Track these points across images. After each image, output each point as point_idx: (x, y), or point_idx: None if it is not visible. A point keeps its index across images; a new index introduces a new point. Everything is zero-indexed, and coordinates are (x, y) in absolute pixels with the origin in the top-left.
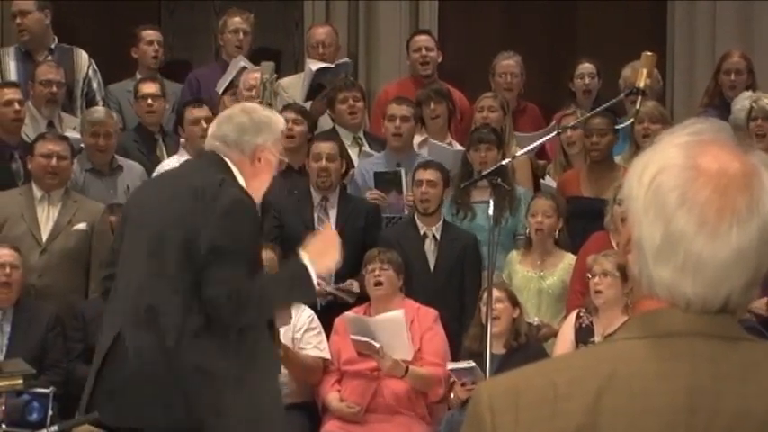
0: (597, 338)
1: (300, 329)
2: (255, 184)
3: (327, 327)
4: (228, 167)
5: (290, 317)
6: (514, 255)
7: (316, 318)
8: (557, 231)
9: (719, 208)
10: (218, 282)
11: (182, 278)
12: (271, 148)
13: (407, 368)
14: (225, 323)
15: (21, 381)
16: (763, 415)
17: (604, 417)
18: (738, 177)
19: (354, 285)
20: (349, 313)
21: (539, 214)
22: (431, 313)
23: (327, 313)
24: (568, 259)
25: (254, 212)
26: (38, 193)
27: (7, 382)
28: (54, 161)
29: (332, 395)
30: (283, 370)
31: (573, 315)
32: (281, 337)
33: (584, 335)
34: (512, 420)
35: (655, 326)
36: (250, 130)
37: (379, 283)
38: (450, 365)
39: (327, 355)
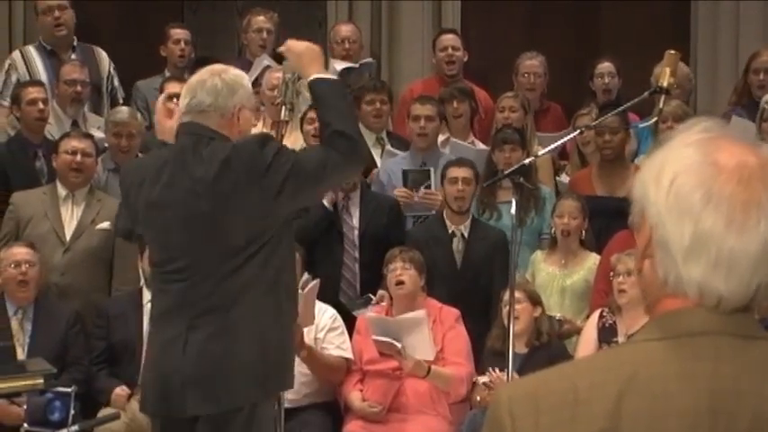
0: (620, 338)
1: (323, 329)
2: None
3: (350, 327)
4: (215, 131)
5: (313, 317)
6: (539, 254)
7: (339, 317)
8: (582, 232)
9: (745, 202)
10: (314, 172)
11: (227, 254)
12: (246, 105)
13: (429, 368)
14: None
15: (41, 380)
16: None
17: (626, 421)
18: (757, 170)
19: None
20: (371, 313)
21: (565, 215)
22: (453, 313)
23: (350, 313)
24: (593, 259)
25: (264, 141)
26: (62, 191)
27: (28, 382)
28: (78, 158)
29: (354, 395)
30: (306, 370)
31: (596, 314)
32: (305, 338)
33: (607, 334)
34: (532, 424)
35: (676, 326)
36: (224, 91)
37: (400, 282)
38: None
39: (350, 355)
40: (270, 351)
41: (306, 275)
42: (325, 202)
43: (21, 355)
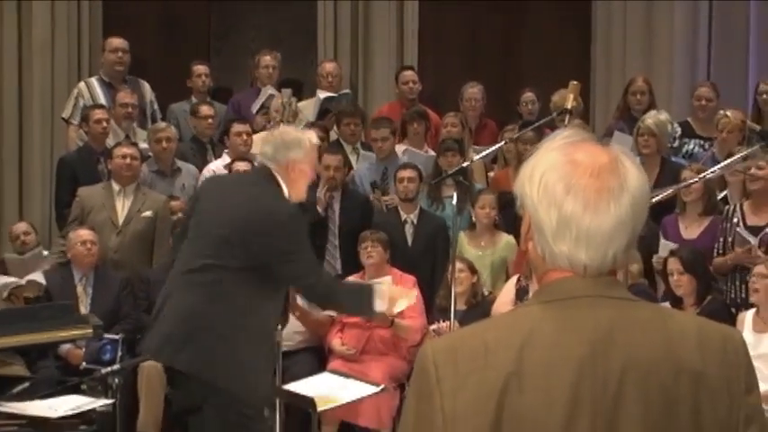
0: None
1: None
2: (294, 190)
3: None
4: (274, 176)
5: (288, 320)
6: (462, 236)
7: None
8: (495, 218)
9: (598, 189)
10: (299, 277)
11: (240, 268)
12: (302, 160)
13: (393, 321)
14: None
15: (91, 330)
16: (647, 362)
17: (527, 366)
18: (607, 164)
19: None
20: (349, 279)
21: (486, 206)
22: (410, 279)
23: None
24: (506, 238)
25: (303, 219)
26: (116, 187)
27: (81, 332)
28: (128, 161)
29: (335, 341)
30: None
31: (514, 278)
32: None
33: (522, 294)
34: (452, 372)
35: (560, 292)
36: (282, 147)
37: (370, 257)
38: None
39: (334, 314)
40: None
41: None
42: (319, 209)
43: (84, 311)
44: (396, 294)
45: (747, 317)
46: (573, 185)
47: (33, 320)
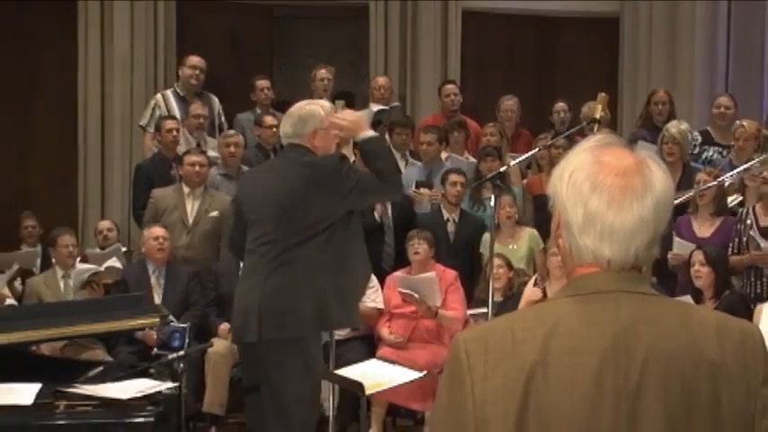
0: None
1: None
2: (322, 152)
3: (384, 283)
4: (302, 147)
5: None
6: (487, 236)
7: (375, 279)
8: (516, 216)
9: (622, 188)
10: (363, 189)
11: (302, 230)
12: (321, 126)
13: (437, 311)
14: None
15: (158, 319)
16: (668, 354)
17: (552, 355)
18: (633, 166)
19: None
20: (397, 273)
21: (506, 206)
22: (452, 274)
23: (383, 274)
24: (529, 231)
25: (341, 162)
26: (186, 189)
27: (149, 321)
28: (197, 168)
29: (384, 330)
30: None
31: (532, 281)
32: None
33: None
34: (482, 360)
35: (585, 286)
36: (299, 123)
37: (417, 253)
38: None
39: (381, 306)
40: (322, 299)
41: None
42: (376, 215)
43: (157, 301)
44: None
45: (765, 309)
46: (599, 184)
47: (106, 310)
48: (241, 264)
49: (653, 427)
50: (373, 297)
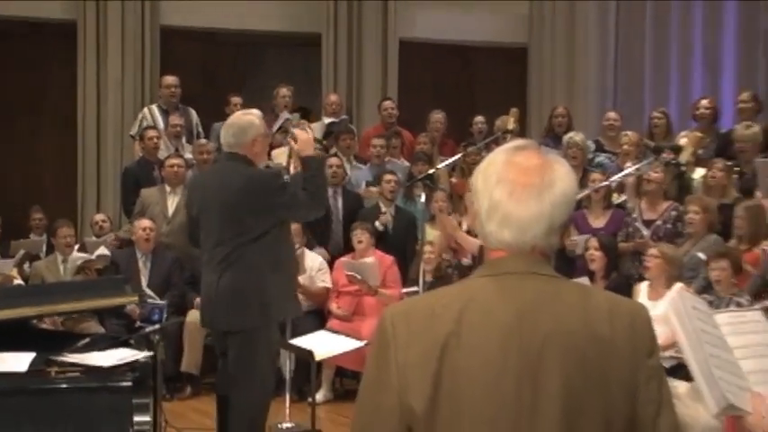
0: None
1: (317, 270)
2: (260, 159)
3: (331, 265)
4: (242, 155)
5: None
6: (426, 227)
7: (325, 262)
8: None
9: (523, 184)
10: (292, 206)
11: (249, 235)
12: (259, 134)
13: (377, 290)
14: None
15: (136, 298)
16: (566, 330)
17: (465, 327)
18: (537, 166)
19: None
20: (344, 258)
21: (439, 200)
22: (390, 258)
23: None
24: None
25: (276, 177)
26: (167, 188)
27: (128, 299)
28: (175, 169)
29: (333, 305)
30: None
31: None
32: (306, 279)
33: None
34: (405, 330)
35: (497, 268)
36: (240, 132)
37: (360, 242)
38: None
39: (330, 285)
40: (266, 296)
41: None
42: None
43: (144, 283)
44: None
45: (643, 287)
46: (503, 178)
47: (94, 290)
48: None
49: (552, 391)
50: (323, 278)
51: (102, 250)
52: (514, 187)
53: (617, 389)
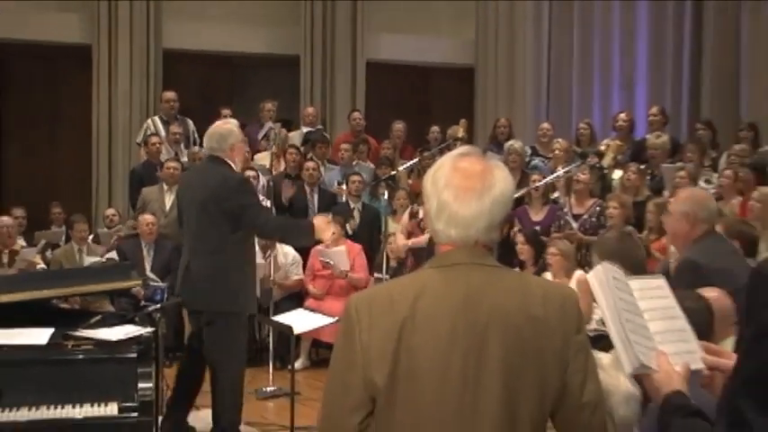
0: None
1: (290, 264)
2: (238, 163)
3: (305, 256)
4: (222, 159)
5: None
6: (389, 219)
7: (297, 256)
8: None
9: (466, 188)
10: (254, 220)
11: (218, 230)
12: (237, 141)
13: (347, 274)
14: (262, 234)
15: (140, 282)
16: (506, 312)
17: (419, 311)
18: (479, 172)
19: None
20: (318, 247)
21: (401, 198)
22: (358, 247)
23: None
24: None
25: (249, 183)
26: (165, 187)
27: (133, 282)
28: (172, 171)
29: (310, 286)
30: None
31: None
32: (281, 274)
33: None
34: (367, 315)
35: (445, 260)
36: (221, 139)
37: (333, 233)
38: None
39: (302, 276)
40: (231, 281)
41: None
42: (283, 200)
43: (147, 268)
44: (322, 226)
45: (548, 277)
46: (449, 183)
47: (104, 275)
48: None
49: (493, 365)
50: (297, 271)
51: (113, 254)
52: (459, 191)
53: (550, 361)
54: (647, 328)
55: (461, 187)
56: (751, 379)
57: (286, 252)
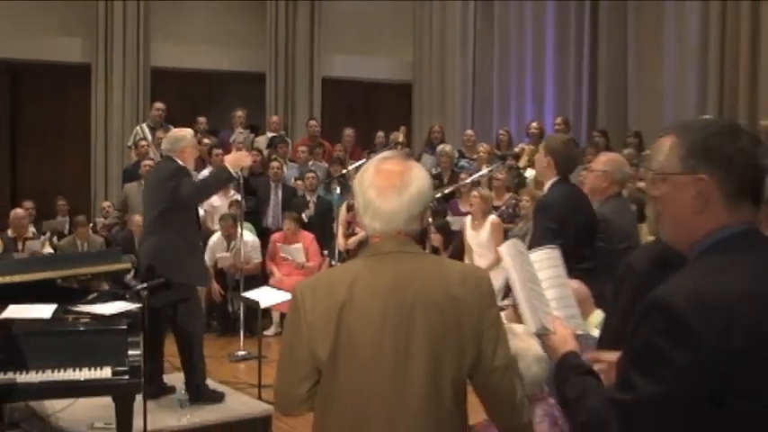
0: None
1: (250, 250)
2: (188, 164)
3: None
4: (174, 159)
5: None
6: (342, 210)
7: (257, 240)
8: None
9: (386, 186)
10: (183, 191)
11: (158, 214)
12: (187, 145)
13: (304, 265)
14: (189, 203)
15: (129, 265)
16: (429, 290)
17: (355, 294)
18: (398, 172)
19: None
20: (278, 242)
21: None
22: (310, 236)
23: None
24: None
25: (183, 170)
26: (143, 183)
27: (123, 266)
28: (148, 168)
29: (274, 269)
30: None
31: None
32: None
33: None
34: (311, 299)
35: (376, 250)
36: (174, 142)
37: (288, 228)
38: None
39: (260, 260)
40: (176, 256)
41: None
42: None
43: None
44: (237, 158)
45: (468, 220)
46: (373, 182)
47: (99, 258)
48: None
49: (421, 338)
50: (256, 255)
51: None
52: (381, 189)
53: (468, 333)
54: (545, 296)
55: (383, 186)
56: (637, 354)
57: (245, 240)
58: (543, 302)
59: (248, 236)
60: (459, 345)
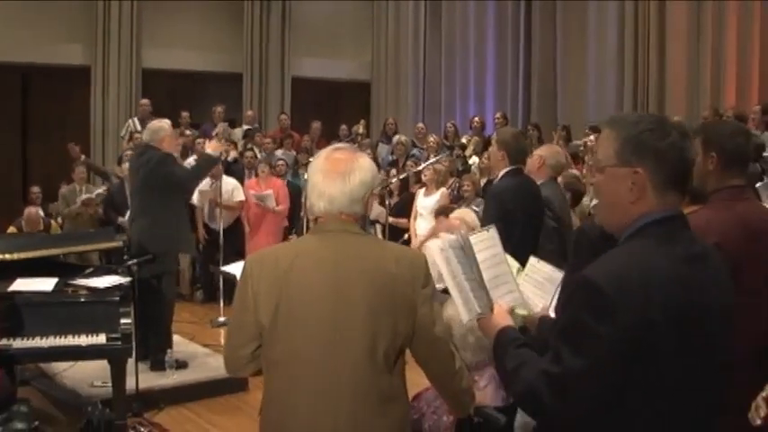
0: None
1: (232, 191)
2: (171, 152)
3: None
4: (155, 148)
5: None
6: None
7: (237, 183)
8: None
9: (332, 171)
10: (177, 177)
11: (152, 197)
12: (166, 135)
13: (274, 209)
14: (185, 191)
15: (120, 243)
16: (366, 266)
17: (297, 267)
18: (344, 160)
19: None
20: (251, 184)
21: None
22: (280, 182)
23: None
24: None
25: (168, 155)
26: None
27: (115, 244)
28: (130, 154)
29: (245, 220)
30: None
31: None
32: (226, 197)
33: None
34: (258, 270)
35: (322, 228)
36: (153, 133)
37: (263, 171)
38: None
39: (243, 199)
40: (163, 233)
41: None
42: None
43: (129, 202)
44: (215, 147)
45: (422, 190)
46: (321, 168)
47: (94, 237)
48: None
49: (359, 311)
50: (238, 194)
51: (101, 189)
52: (327, 174)
53: (402, 307)
54: (482, 277)
55: (329, 171)
56: (565, 328)
57: (227, 181)
58: (480, 286)
59: (228, 181)
60: (393, 318)
